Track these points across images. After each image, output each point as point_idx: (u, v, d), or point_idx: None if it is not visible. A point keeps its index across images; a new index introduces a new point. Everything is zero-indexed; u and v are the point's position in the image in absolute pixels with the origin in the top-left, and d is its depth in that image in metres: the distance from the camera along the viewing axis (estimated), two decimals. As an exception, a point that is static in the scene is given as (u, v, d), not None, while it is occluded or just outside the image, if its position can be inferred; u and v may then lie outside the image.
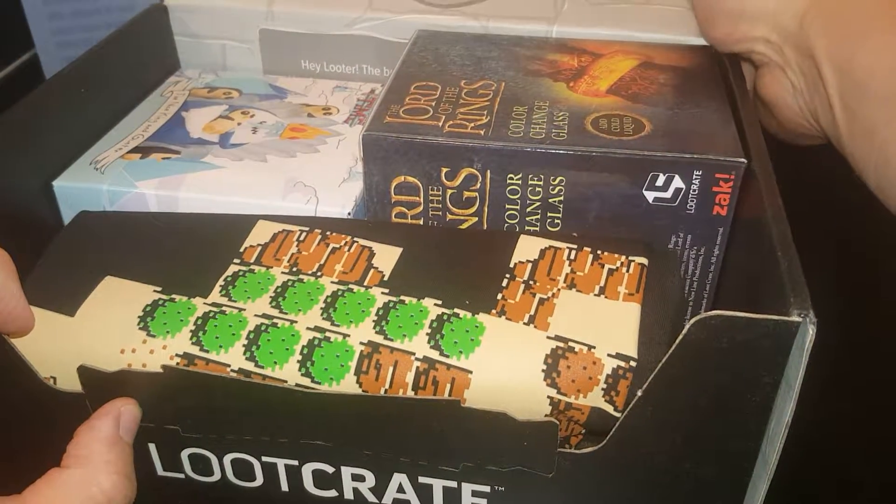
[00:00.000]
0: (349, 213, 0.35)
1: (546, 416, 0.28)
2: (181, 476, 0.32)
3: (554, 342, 0.29)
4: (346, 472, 0.30)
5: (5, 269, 0.28)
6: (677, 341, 0.24)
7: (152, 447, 0.31)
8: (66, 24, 0.58)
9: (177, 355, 0.30)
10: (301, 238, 0.34)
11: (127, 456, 0.28)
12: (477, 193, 0.34)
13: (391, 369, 0.29)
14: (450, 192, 0.34)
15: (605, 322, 0.30)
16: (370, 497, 0.31)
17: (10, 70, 0.65)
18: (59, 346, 0.30)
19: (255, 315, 0.30)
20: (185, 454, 0.31)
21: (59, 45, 0.58)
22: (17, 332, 0.30)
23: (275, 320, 0.30)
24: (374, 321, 0.30)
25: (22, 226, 0.37)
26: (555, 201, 0.34)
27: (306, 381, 0.29)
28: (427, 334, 0.29)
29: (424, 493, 0.30)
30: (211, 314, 0.30)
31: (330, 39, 0.46)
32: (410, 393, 0.29)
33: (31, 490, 0.26)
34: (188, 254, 0.33)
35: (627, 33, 0.43)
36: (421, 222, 0.36)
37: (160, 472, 0.32)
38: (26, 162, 0.37)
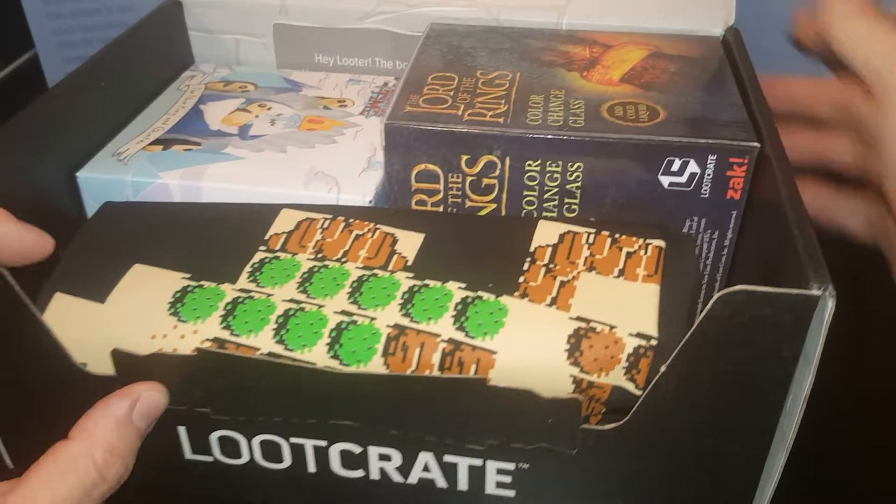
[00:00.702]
0: (370, 202, 0.36)
1: (569, 394, 0.29)
2: (209, 459, 0.32)
3: (576, 322, 0.30)
4: (374, 451, 0.31)
5: None
6: (701, 316, 0.25)
7: (182, 430, 0.32)
8: (66, 24, 0.58)
9: (207, 340, 0.30)
10: (325, 226, 0.34)
11: (131, 440, 0.29)
12: (496, 180, 0.35)
13: (418, 351, 0.30)
14: (469, 179, 0.35)
15: (625, 302, 0.30)
16: (396, 476, 0.32)
17: (10, 70, 0.66)
18: (91, 333, 0.31)
19: (283, 300, 0.31)
20: (214, 437, 0.32)
21: (59, 45, 0.59)
22: (40, 258, 0.31)
23: (302, 305, 0.31)
24: (399, 304, 0.31)
25: (46, 217, 0.37)
26: (572, 187, 0.35)
27: (335, 363, 0.30)
28: (452, 316, 0.30)
29: (450, 472, 0.31)
30: (240, 299, 0.31)
31: (343, 33, 0.47)
32: (437, 374, 0.29)
33: (34, 467, 0.27)
34: (214, 242, 0.34)
35: (635, 24, 0.44)
36: (441, 209, 0.37)
37: (189, 455, 0.32)
38: (49, 154, 0.37)
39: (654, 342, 0.29)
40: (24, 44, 0.60)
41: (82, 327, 0.31)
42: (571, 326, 0.30)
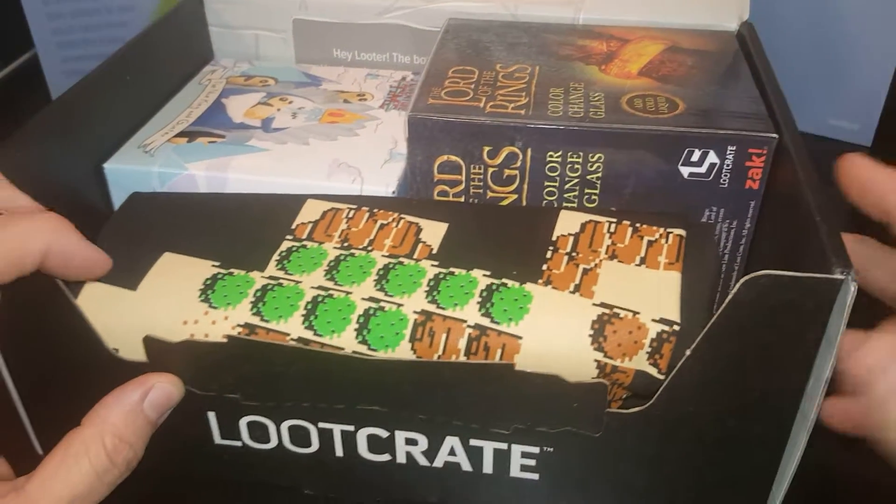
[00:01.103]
0: (393, 192, 0.37)
1: (593, 378, 0.30)
2: (238, 444, 0.33)
3: (600, 309, 0.30)
4: (400, 436, 0.32)
5: (60, 228, 0.30)
6: (727, 300, 0.26)
7: (211, 416, 0.32)
8: (66, 24, 0.58)
9: (238, 325, 0.31)
10: (350, 215, 0.35)
11: (140, 427, 0.30)
12: (517, 171, 0.36)
13: (444, 336, 0.30)
14: (491, 170, 0.36)
15: (647, 289, 0.31)
16: (422, 460, 0.32)
17: (10, 70, 0.66)
18: (123, 319, 0.31)
19: (312, 287, 0.32)
20: (243, 422, 0.32)
21: (59, 45, 0.59)
22: (98, 275, 0.32)
23: (330, 291, 0.31)
24: (426, 291, 0.31)
25: (74, 208, 0.37)
26: (593, 178, 0.35)
27: (363, 349, 0.30)
28: (478, 303, 0.31)
29: (475, 456, 0.32)
30: (269, 286, 0.32)
31: (361, 28, 0.48)
32: (463, 359, 0.30)
33: (48, 455, 0.28)
34: (242, 231, 0.35)
35: (651, 19, 0.45)
36: (462, 200, 0.37)
37: (217, 440, 0.33)
38: (76, 146, 0.38)
39: (676, 327, 0.30)
40: (24, 44, 0.61)
41: (114, 314, 0.32)
42: (595, 312, 0.30)
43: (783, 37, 0.56)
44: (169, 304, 0.32)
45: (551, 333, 0.30)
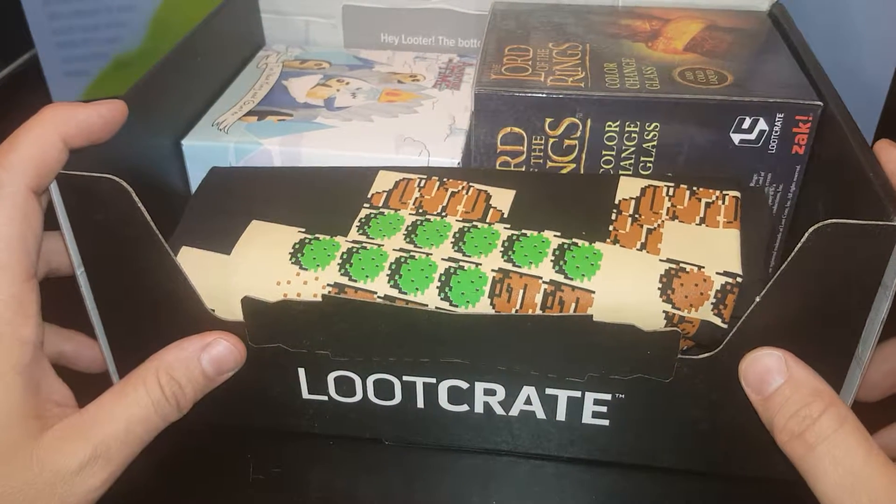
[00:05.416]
0: (458, 164, 0.39)
1: (665, 327, 0.32)
2: (325, 398, 0.35)
3: (666, 264, 0.33)
4: (480, 387, 0.34)
5: (60, 112, 0.31)
6: (797, 248, 0.28)
7: (301, 371, 0.35)
8: (66, 24, 0.59)
9: (328, 285, 0.33)
10: (421, 185, 0.37)
11: (192, 373, 0.32)
12: (577, 141, 0.38)
13: (521, 292, 0.32)
14: (552, 140, 0.38)
15: (709, 246, 0.33)
16: (498, 410, 0.34)
17: (10, 70, 0.67)
18: (219, 281, 0.34)
19: (394, 249, 0.34)
20: (331, 377, 0.34)
21: (59, 45, 0.60)
22: (120, 121, 0.34)
23: (411, 253, 0.34)
24: (501, 251, 0.34)
25: (154, 183, 0.40)
26: (648, 146, 0.38)
27: (445, 305, 0.33)
28: (551, 261, 0.33)
29: (549, 404, 0.34)
30: (354, 249, 0.34)
31: (409, 13, 0.50)
32: (539, 313, 0.32)
33: (110, 388, 0.31)
34: (322, 200, 0.37)
35: (687, 0, 0.47)
36: (523, 170, 0.39)
37: (305, 395, 0.35)
38: (155, 125, 0.40)
39: (739, 279, 0.32)
40: (24, 44, 0.62)
41: (210, 276, 0.34)
42: (662, 267, 0.32)
43: (822, 13, 0.57)
44: (262, 266, 0.34)
45: (622, 287, 0.32)
